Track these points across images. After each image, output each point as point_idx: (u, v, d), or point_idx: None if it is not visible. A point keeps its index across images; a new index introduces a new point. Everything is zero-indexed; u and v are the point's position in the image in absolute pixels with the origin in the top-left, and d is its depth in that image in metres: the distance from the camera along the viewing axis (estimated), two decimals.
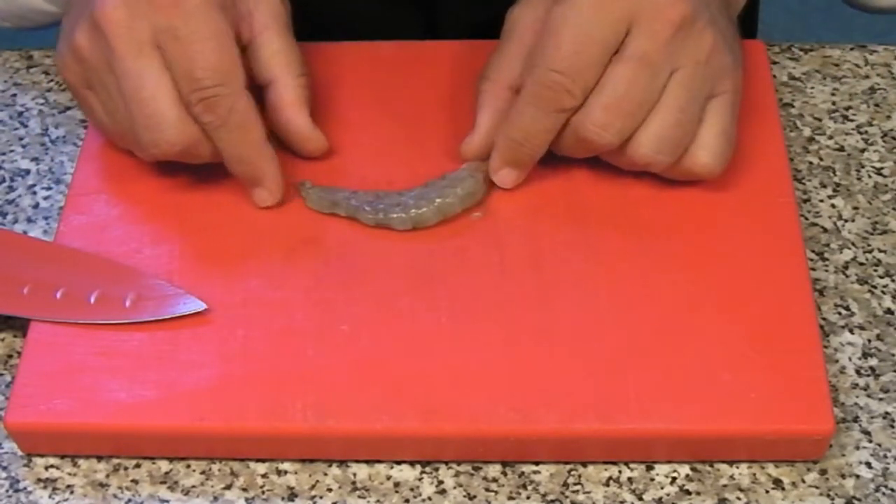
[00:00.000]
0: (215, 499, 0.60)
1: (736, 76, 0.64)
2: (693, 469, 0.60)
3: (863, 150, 0.71)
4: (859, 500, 0.59)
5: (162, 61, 0.62)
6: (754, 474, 0.60)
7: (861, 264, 0.66)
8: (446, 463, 0.61)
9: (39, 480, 0.61)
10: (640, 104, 0.61)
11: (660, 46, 0.61)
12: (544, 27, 0.62)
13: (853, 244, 0.67)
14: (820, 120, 0.72)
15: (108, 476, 0.61)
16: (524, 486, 0.60)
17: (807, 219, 0.68)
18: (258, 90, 0.66)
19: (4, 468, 0.61)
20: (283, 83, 0.66)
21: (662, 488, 0.59)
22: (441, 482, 0.60)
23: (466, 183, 0.65)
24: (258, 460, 0.61)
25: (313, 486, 0.60)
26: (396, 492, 0.60)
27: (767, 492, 0.59)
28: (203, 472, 0.61)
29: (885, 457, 0.60)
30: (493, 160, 0.65)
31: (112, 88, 0.63)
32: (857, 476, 0.60)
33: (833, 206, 0.68)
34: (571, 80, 0.61)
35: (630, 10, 0.61)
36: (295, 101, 0.66)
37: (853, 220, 0.68)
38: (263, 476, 0.60)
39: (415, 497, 0.60)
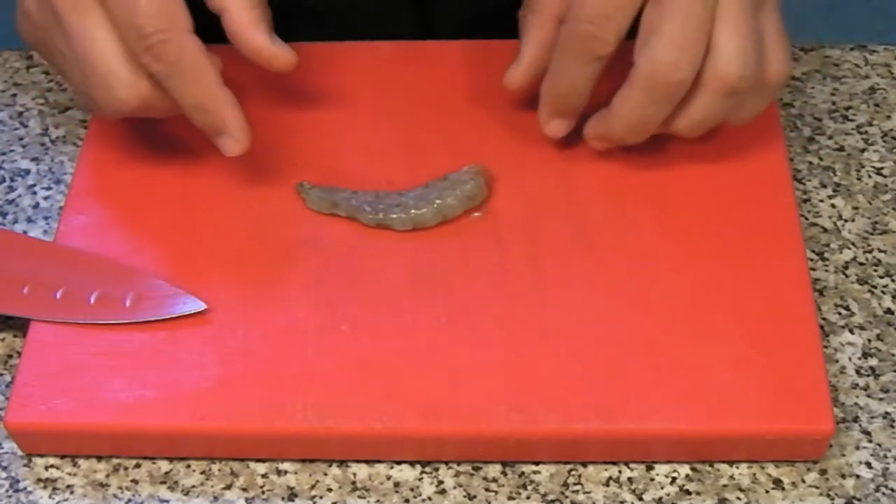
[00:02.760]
0: (215, 499, 0.60)
1: None
2: (693, 469, 0.60)
3: (863, 150, 0.71)
4: (859, 500, 0.59)
5: (106, 17, 0.61)
6: (754, 474, 0.60)
7: (861, 264, 0.66)
8: (446, 463, 0.61)
9: (39, 480, 0.61)
10: (701, 31, 0.60)
11: None
12: None
13: (853, 244, 0.67)
14: (820, 120, 0.72)
15: (108, 476, 0.61)
16: (524, 486, 0.60)
17: (807, 219, 0.68)
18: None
19: (4, 468, 0.61)
20: (237, 7, 0.64)
21: (662, 488, 0.59)
22: (441, 482, 0.60)
23: (467, 185, 0.65)
24: (258, 460, 0.61)
25: (313, 486, 0.60)
26: (396, 492, 0.60)
27: (767, 492, 0.59)
28: (203, 472, 0.61)
29: (885, 457, 0.60)
30: (540, 113, 0.66)
31: (64, 49, 0.63)
32: (857, 476, 0.60)
33: (833, 206, 0.68)
34: (602, 28, 0.60)
35: None
36: (250, 22, 0.64)
37: (853, 220, 0.68)
38: (263, 476, 0.60)
39: (415, 497, 0.60)
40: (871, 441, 0.61)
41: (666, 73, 0.60)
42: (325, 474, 0.60)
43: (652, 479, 0.60)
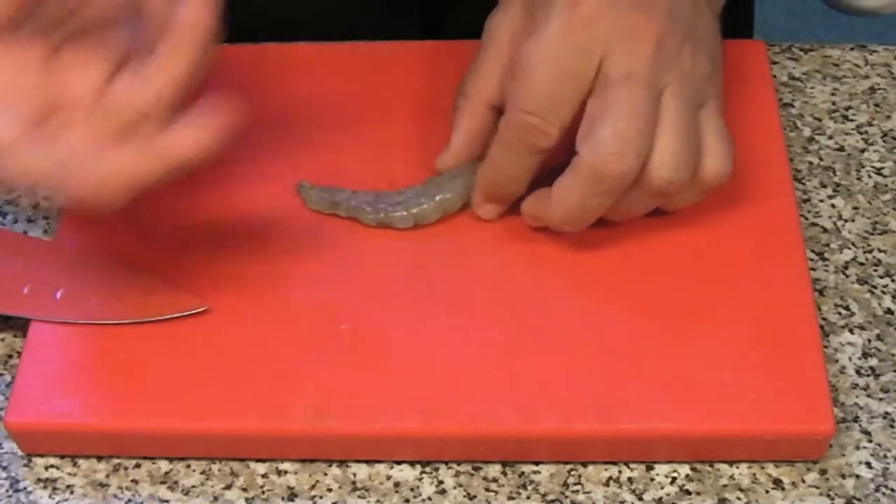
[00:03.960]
0: (215, 499, 0.60)
1: (717, 80, 0.62)
2: (693, 469, 0.60)
3: (863, 150, 0.71)
4: (859, 500, 0.59)
5: None
6: (754, 474, 0.60)
7: (861, 264, 0.66)
8: (446, 463, 0.61)
9: (39, 480, 0.61)
10: (646, 122, 0.58)
11: (643, 65, 0.58)
12: (515, 65, 0.60)
13: (853, 244, 0.67)
14: (820, 120, 0.72)
15: (108, 476, 0.61)
16: (524, 486, 0.60)
17: (807, 219, 0.68)
18: None
19: (4, 468, 0.61)
20: None
21: (662, 488, 0.59)
22: (441, 482, 0.60)
23: (467, 177, 0.65)
24: (258, 460, 0.61)
25: (313, 486, 0.60)
26: (396, 492, 0.60)
27: (767, 492, 0.59)
28: (203, 472, 0.61)
29: (885, 457, 0.60)
30: (475, 196, 0.64)
31: None
32: (857, 476, 0.60)
33: (833, 206, 0.68)
34: (545, 120, 0.59)
35: (601, 37, 0.59)
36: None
37: (853, 220, 0.68)
38: (263, 476, 0.60)
39: (415, 497, 0.60)
40: (871, 441, 0.61)
41: (611, 164, 0.58)
42: (325, 474, 0.60)
43: (652, 479, 0.60)
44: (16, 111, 0.56)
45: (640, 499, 0.59)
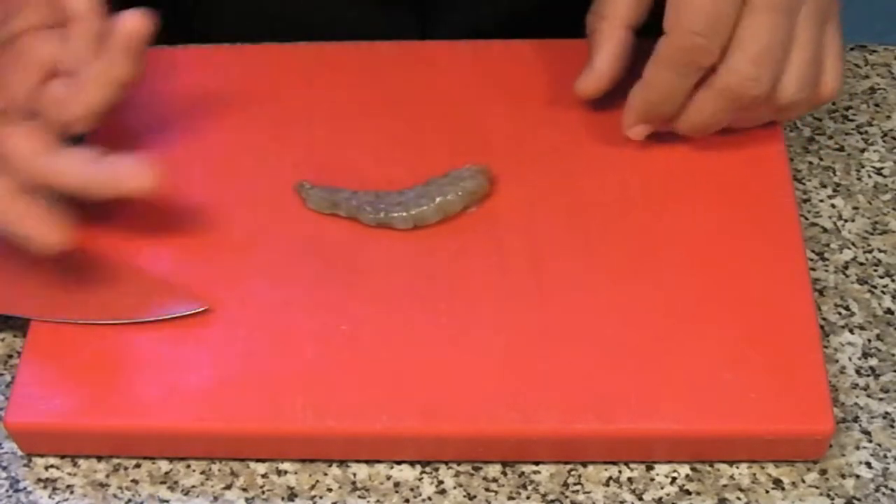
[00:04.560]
0: (215, 499, 0.60)
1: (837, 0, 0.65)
2: (693, 469, 0.60)
3: (863, 150, 0.71)
4: (859, 500, 0.59)
5: None
6: (754, 474, 0.60)
7: (861, 264, 0.66)
8: (446, 463, 0.61)
9: (39, 480, 0.61)
10: (782, 49, 0.62)
11: None
12: None
13: (853, 244, 0.67)
14: (820, 120, 0.72)
15: (108, 476, 0.61)
16: (524, 486, 0.60)
17: (807, 219, 0.68)
18: None
19: (4, 468, 0.61)
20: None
21: (662, 488, 0.59)
22: (441, 482, 0.60)
23: (468, 182, 0.65)
24: (258, 460, 0.61)
25: (313, 486, 0.60)
26: (396, 492, 0.60)
27: (767, 492, 0.59)
28: (203, 472, 0.61)
29: (885, 457, 0.60)
30: (627, 116, 0.66)
31: None
32: (857, 476, 0.60)
33: (833, 206, 0.68)
34: (709, 40, 0.61)
35: None
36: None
37: (853, 220, 0.68)
38: (263, 476, 0.60)
39: (415, 497, 0.60)
40: (871, 441, 0.61)
41: (746, 88, 0.62)
42: (325, 474, 0.60)
43: (652, 479, 0.60)
44: None
45: (640, 499, 0.59)
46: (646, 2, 0.64)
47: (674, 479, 0.60)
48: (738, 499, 0.59)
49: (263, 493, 0.60)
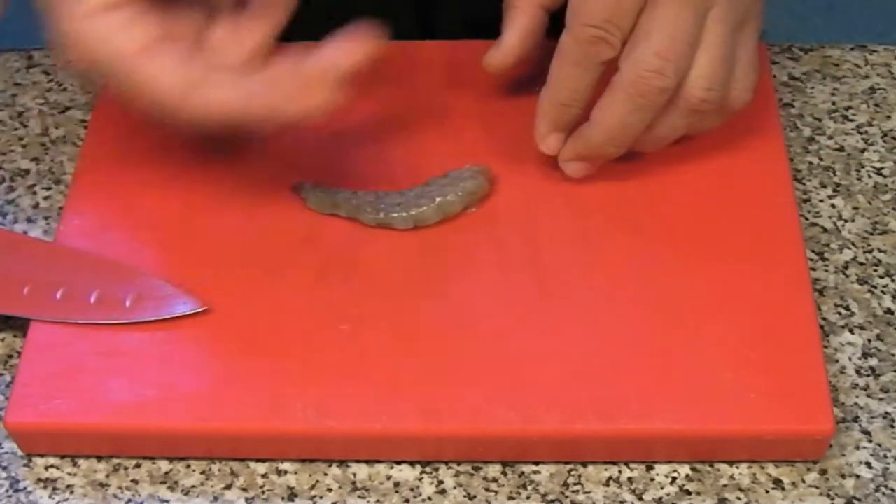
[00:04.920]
0: (215, 499, 0.60)
1: (758, 4, 0.64)
2: (693, 469, 0.60)
3: (863, 150, 0.71)
4: (859, 500, 0.59)
5: None
6: (754, 474, 0.60)
7: (861, 264, 0.66)
8: (446, 463, 0.61)
9: (39, 480, 0.61)
10: (688, 43, 0.61)
11: None
12: None
13: (853, 244, 0.67)
14: (820, 120, 0.72)
15: (108, 476, 0.61)
16: (524, 486, 0.60)
17: (807, 219, 0.68)
18: None
19: (4, 468, 0.61)
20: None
21: (662, 488, 0.59)
22: (441, 482, 0.60)
23: (468, 182, 0.65)
24: (258, 460, 0.61)
25: (313, 486, 0.60)
26: (396, 492, 0.60)
27: (767, 492, 0.59)
28: (203, 472, 0.61)
29: (885, 457, 0.60)
30: (538, 127, 0.65)
31: None
32: (857, 476, 0.60)
33: (833, 206, 0.68)
34: (609, 32, 0.61)
35: None
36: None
37: (853, 220, 0.68)
38: (263, 476, 0.60)
39: (415, 497, 0.60)
40: (871, 441, 0.61)
41: (651, 80, 0.61)
42: (325, 474, 0.60)
43: (652, 479, 0.60)
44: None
45: (640, 499, 0.59)
46: None
47: (674, 479, 0.60)
48: (738, 499, 0.59)
49: (263, 493, 0.60)
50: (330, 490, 0.60)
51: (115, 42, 0.60)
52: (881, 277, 0.66)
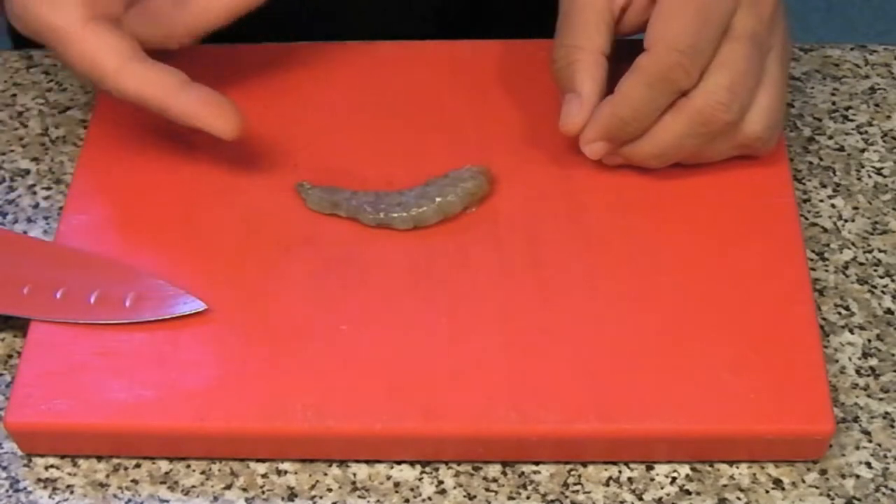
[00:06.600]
0: (215, 499, 0.60)
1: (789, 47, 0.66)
2: (693, 469, 0.60)
3: (863, 150, 0.71)
4: (859, 500, 0.59)
5: None
6: (754, 474, 0.60)
7: (861, 264, 0.66)
8: (446, 463, 0.61)
9: (39, 480, 0.61)
10: (754, 81, 0.62)
11: (763, 27, 0.62)
12: (657, 5, 0.62)
13: (853, 244, 0.67)
14: (820, 120, 0.72)
15: (108, 476, 0.61)
16: (524, 486, 0.60)
17: (807, 219, 0.68)
18: None
19: (4, 468, 0.61)
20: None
21: (662, 488, 0.59)
22: (441, 482, 0.60)
23: (468, 182, 0.65)
24: (258, 460, 0.61)
25: (313, 486, 0.60)
26: (396, 492, 0.60)
27: (767, 492, 0.59)
28: (203, 472, 0.61)
29: (885, 457, 0.60)
30: (589, 131, 0.64)
31: None
32: (857, 476, 0.60)
33: (833, 206, 0.69)
34: (691, 61, 0.61)
35: None
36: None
37: (853, 220, 0.68)
38: (263, 476, 0.60)
39: (415, 497, 0.60)
40: (871, 441, 0.61)
41: (719, 112, 0.62)
42: (325, 474, 0.60)
43: (652, 479, 0.60)
44: None
45: (640, 499, 0.59)
46: (612, 29, 0.64)
47: (674, 479, 0.60)
48: (738, 499, 0.59)
49: (263, 493, 0.60)
50: (330, 490, 0.60)
51: (57, 14, 0.62)
52: (881, 277, 0.66)
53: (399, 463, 0.61)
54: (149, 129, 0.69)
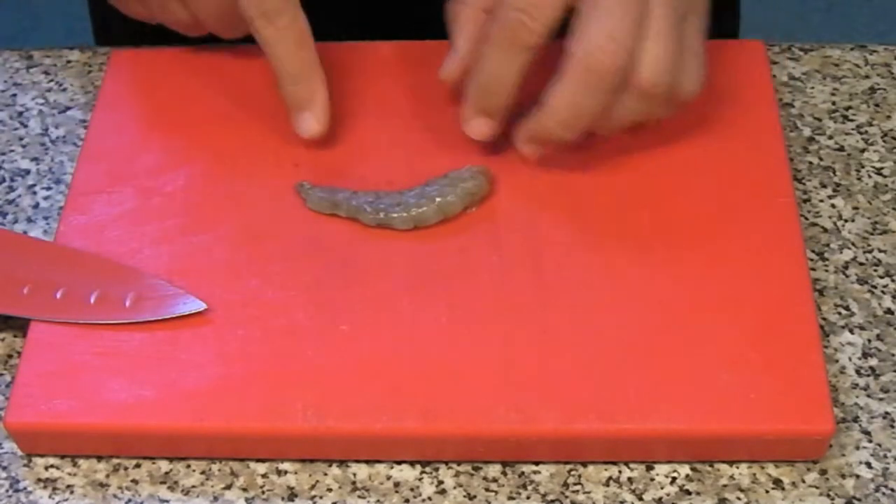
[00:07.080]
0: (215, 499, 0.60)
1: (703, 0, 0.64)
2: (693, 469, 0.60)
3: (863, 150, 0.71)
4: (859, 500, 0.59)
5: None
6: (754, 474, 0.60)
7: (861, 264, 0.66)
8: (446, 463, 0.61)
9: (39, 480, 0.61)
10: (635, 23, 0.61)
11: None
12: None
13: (853, 244, 0.67)
14: (820, 120, 0.72)
15: (108, 476, 0.61)
16: (524, 486, 0.60)
17: (807, 219, 0.68)
18: None
19: (4, 468, 0.61)
20: None
21: (662, 488, 0.59)
22: (441, 482, 0.60)
23: (468, 182, 0.65)
24: (258, 460, 0.61)
25: (313, 486, 0.60)
26: (396, 492, 0.60)
27: (767, 492, 0.59)
28: (203, 472, 0.61)
29: (885, 457, 0.60)
30: (464, 110, 0.66)
31: None
32: (857, 476, 0.60)
33: (833, 206, 0.69)
34: (531, 16, 0.61)
35: None
36: None
37: (853, 220, 0.68)
38: (263, 476, 0.60)
39: (415, 497, 0.60)
40: (871, 441, 0.61)
41: (602, 60, 0.61)
42: (325, 474, 0.60)
43: (652, 479, 0.60)
44: None
45: (640, 499, 0.59)
46: None
47: (674, 479, 0.60)
48: (738, 499, 0.59)
49: (263, 493, 0.60)
50: (330, 490, 0.60)
51: None
52: (881, 277, 0.66)
53: (399, 463, 0.61)
54: (149, 128, 0.69)
